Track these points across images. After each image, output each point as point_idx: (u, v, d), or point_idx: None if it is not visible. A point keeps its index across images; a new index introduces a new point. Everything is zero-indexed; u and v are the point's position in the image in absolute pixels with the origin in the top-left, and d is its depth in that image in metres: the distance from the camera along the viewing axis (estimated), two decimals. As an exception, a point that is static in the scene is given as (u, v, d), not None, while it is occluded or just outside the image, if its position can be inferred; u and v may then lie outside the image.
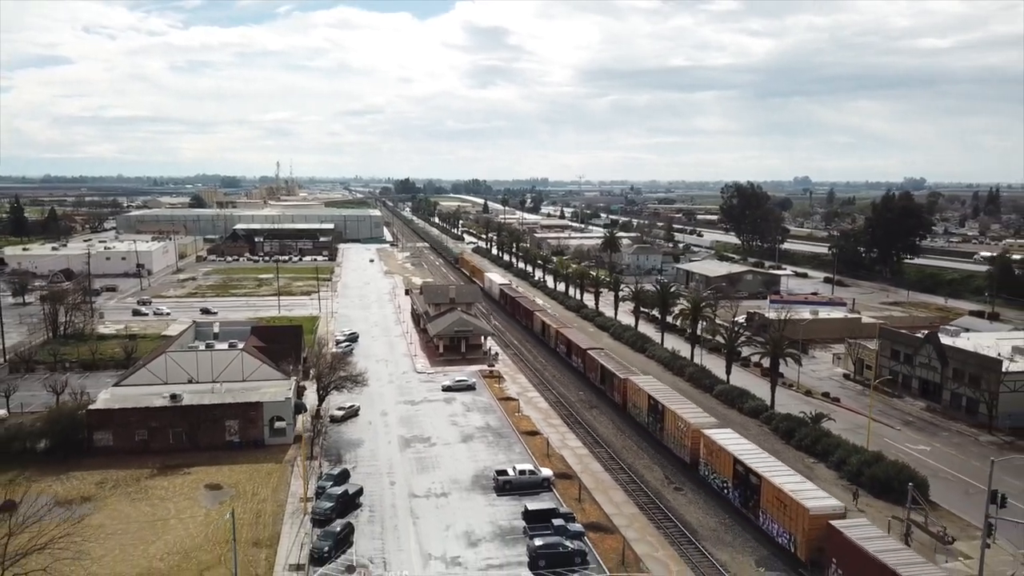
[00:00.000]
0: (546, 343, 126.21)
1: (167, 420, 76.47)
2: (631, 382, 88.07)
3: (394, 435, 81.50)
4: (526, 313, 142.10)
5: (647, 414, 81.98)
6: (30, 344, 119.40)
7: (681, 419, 73.27)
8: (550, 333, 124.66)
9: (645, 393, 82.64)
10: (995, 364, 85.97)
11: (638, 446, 79.30)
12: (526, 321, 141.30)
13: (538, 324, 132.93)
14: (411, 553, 56.00)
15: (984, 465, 72.91)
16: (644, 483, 69.06)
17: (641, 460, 75.38)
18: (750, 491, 60.44)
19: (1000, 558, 55.88)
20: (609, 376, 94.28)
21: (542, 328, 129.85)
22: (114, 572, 52.50)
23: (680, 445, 73.40)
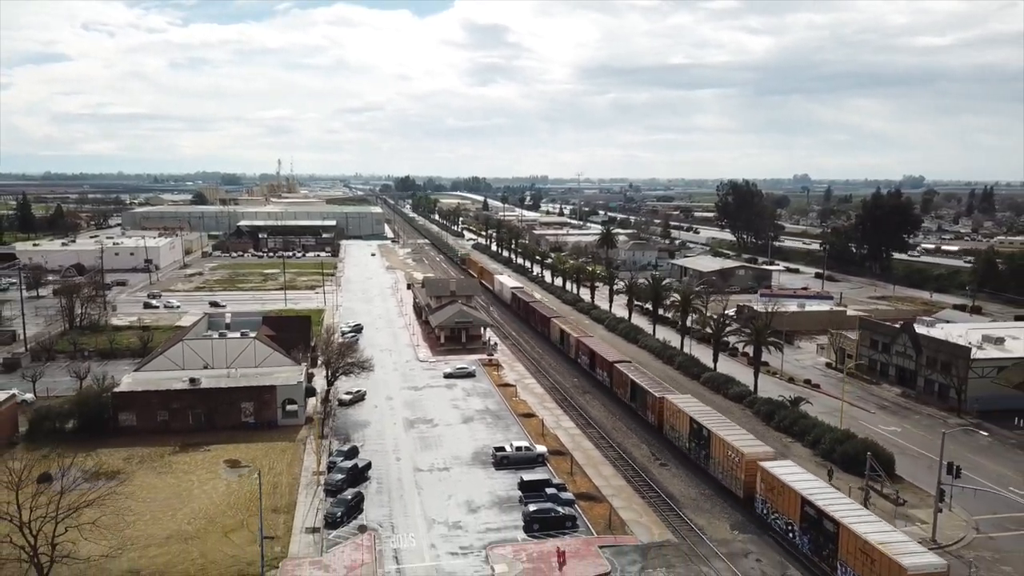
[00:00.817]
0: (564, 353, 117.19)
1: (187, 402, 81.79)
2: (669, 402, 78.67)
3: (399, 417, 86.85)
4: (541, 319, 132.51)
5: (688, 439, 73.22)
6: (48, 335, 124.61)
7: (732, 448, 64.94)
8: (570, 342, 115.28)
9: (686, 415, 73.74)
10: (964, 352, 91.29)
11: (627, 427, 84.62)
12: (542, 328, 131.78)
13: (556, 332, 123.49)
14: (416, 519, 61.33)
15: (948, 443, 78.36)
16: (632, 459, 74.41)
17: (630, 439, 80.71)
18: (824, 538, 52.33)
19: (955, 523, 61.20)
20: (641, 393, 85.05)
21: (560, 337, 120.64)
22: (147, 534, 57.75)
23: (731, 477, 65.22)
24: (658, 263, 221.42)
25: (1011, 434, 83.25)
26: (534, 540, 57.25)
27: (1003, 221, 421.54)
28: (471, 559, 54.82)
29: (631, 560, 54.79)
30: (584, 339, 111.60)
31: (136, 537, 56.77)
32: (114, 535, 54.72)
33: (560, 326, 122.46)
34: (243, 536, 57.86)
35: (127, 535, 56.56)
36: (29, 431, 79.17)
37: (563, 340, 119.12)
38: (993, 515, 62.80)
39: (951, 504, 63.89)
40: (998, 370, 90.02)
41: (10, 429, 78.55)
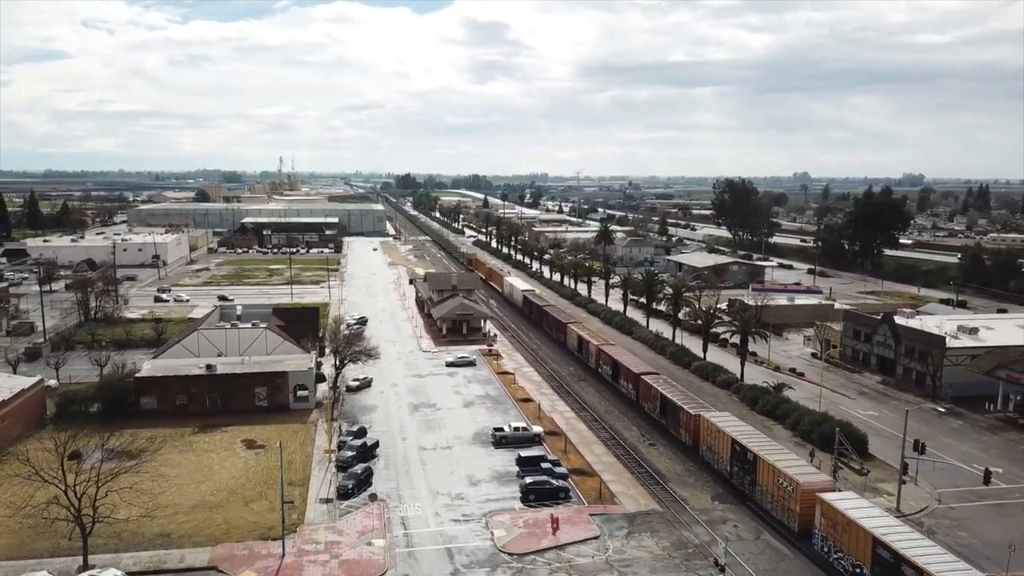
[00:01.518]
0: (584, 362, 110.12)
1: (204, 387, 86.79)
2: (706, 421, 72.14)
3: (404, 402, 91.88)
4: (557, 325, 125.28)
5: (730, 462, 67.12)
6: (65, 326, 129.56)
7: (784, 476, 58.89)
8: (589, 351, 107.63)
9: (727, 437, 67.61)
10: (940, 341, 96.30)
11: (619, 411, 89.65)
12: (557, 334, 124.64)
13: (573, 339, 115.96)
14: (421, 491, 66.37)
15: (921, 425, 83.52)
16: (622, 439, 79.47)
17: (621, 421, 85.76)
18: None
19: (919, 495, 66.21)
20: (673, 410, 78.64)
21: (579, 344, 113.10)
22: (174, 503, 62.74)
23: (782, 508, 59.18)
24: (654, 259, 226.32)
25: (981, 418, 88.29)
26: (530, 509, 62.30)
27: (997, 219, 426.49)
28: (472, 525, 59.84)
29: (619, 526, 59.81)
30: (606, 347, 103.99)
31: (164, 506, 61.78)
32: (149, 498, 59.98)
33: (578, 332, 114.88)
34: (262, 505, 62.90)
35: (159, 500, 61.72)
36: (56, 414, 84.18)
37: (581, 348, 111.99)
38: (955, 488, 67.77)
39: (917, 479, 68.95)
40: (971, 358, 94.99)
41: (39, 412, 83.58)
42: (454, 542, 57.08)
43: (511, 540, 57.02)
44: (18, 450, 74.47)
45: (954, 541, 57.31)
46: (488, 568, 53.34)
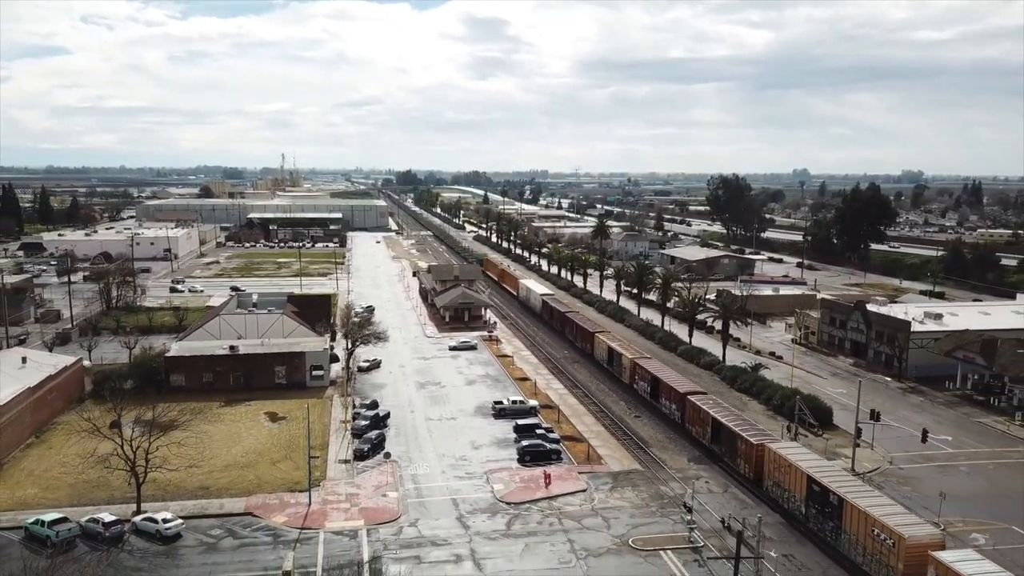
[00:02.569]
0: (615, 376, 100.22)
1: (228, 366, 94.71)
2: (773, 453, 63.43)
3: (411, 381, 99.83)
4: (582, 334, 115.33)
5: (805, 503, 58.43)
6: (89, 314, 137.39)
7: (882, 526, 50.41)
8: (623, 364, 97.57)
9: (801, 473, 58.90)
10: (906, 326, 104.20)
11: (609, 388, 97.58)
12: (583, 343, 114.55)
13: (602, 350, 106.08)
14: (429, 454, 74.31)
15: (885, 401, 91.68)
16: (610, 411, 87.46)
17: (610, 397, 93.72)
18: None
19: (873, 458, 74.16)
20: (730, 437, 69.96)
21: (609, 356, 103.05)
22: (209, 464, 70.53)
23: (878, 563, 50.74)
24: (649, 253, 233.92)
25: (940, 395, 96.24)
26: (526, 468, 70.23)
27: (989, 215, 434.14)
28: (474, 481, 67.77)
29: (604, 482, 67.76)
30: (644, 362, 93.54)
31: (201, 466, 69.71)
32: (195, 451, 68.17)
33: (608, 343, 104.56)
34: (287, 465, 70.81)
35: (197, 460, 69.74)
36: (93, 390, 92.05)
37: (612, 360, 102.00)
38: (906, 453, 75.68)
39: (874, 445, 76.93)
40: (934, 341, 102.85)
41: (79, 388, 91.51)
42: (458, 494, 65.01)
43: (508, 492, 64.99)
44: (63, 420, 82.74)
45: (899, 494, 65.15)
46: (488, 514, 61.28)
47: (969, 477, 70.72)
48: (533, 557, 54.58)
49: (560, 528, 59.00)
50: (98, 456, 63.93)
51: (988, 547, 55.87)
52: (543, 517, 60.83)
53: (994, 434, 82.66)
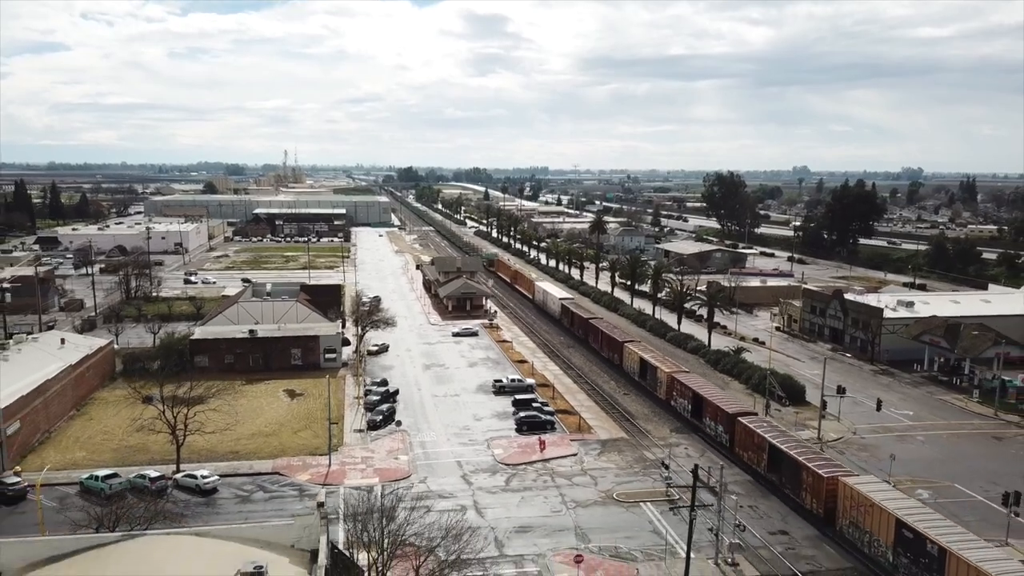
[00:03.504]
0: (649, 391, 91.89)
1: (248, 348, 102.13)
2: (851, 489, 55.32)
3: (418, 363, 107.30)
4: (609, 343, 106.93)
5: (893, 550, 51.38)
6: (110, 303, 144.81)
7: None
8: (658, 378, 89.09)
9: (888, 515, 51.73)
10: (878, 312, 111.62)
11: (600, 368, 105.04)
12: (610, 353, 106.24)
13: (632, 362, 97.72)
14: (435, 424, 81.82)
15: (856, 381, 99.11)
16: (601, 389, 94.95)
17: (601, 377, 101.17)
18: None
19: (838, 428, 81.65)
20: (793, 467, 61.99)
21: (641, 368, 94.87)
22: (236, 432, 78.03)
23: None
24: (644, 247, 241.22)
25: (908, 376, 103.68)
26: (523, 436, 77.74)
27: (982, 211, 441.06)
28: (476, 447, 75.27)
29: (593, 448, 75.27)
30: (683, 377, 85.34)
31: (233, 429, 77.24)
32: (228, 418, 75.97)
33: (639, 354, 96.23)
34: (307, 434, 78.30)
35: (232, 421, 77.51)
36: (123, 370, 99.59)
37: (645, 373, 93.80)
38: (869, 424, 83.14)
39: (840, 417, 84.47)
40: (905, 327, 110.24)
41: (110, 367, 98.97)
42: (462, 458, 72.51)
43: (507, 455, 72.50)
44: (98, 396, 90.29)
45: (857, 459, 72.71)
46: (489, 473, 68.82)
47: (924, 445, 78.17)
48: (528, 507, 62.11)
49: (552, 485, 66.53)
50: (142, 421, 71.33)
51: (930, 500, 63.35)
52: (537, 476, 68.37)
53: (953, 410, 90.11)
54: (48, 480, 66.39)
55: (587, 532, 57.87)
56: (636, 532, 58.16)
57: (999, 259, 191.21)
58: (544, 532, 57.93)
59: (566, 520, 59.77)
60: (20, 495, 63.44)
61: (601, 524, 59.28)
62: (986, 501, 63.24)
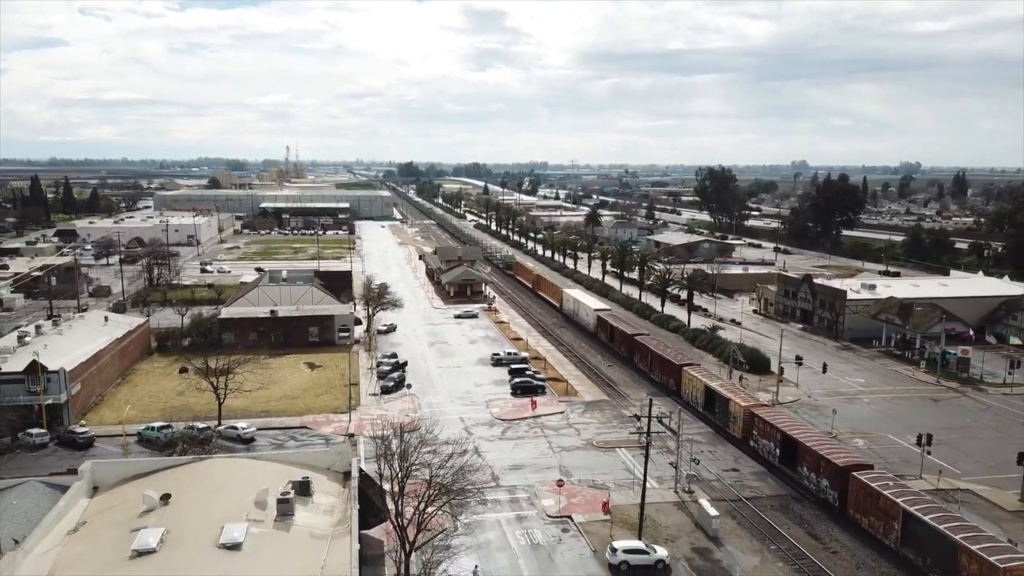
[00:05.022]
0: (721, 426, 78.48)
1: (270, 326, 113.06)
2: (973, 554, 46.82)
3: (423, 340, 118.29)
4: (662, 365, 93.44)
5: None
6: (136, 290, 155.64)
7: None
8: (731, 412, 76.01)
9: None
10: (843, 294, 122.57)
11: (589, 345, 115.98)
12: (662, 376, 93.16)
13: (694, 390, 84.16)
14: (440, 390, 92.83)
15: (822, 355, 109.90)
16: (588, 362, 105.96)
17: (589, 352, 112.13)
18: None
19: (794, 392, 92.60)
20: (936, 540, 50.60)
21: (707, 398, 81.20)
22: (264, 396, 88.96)
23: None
24: (637, 239, 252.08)
25: (867, 351, 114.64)
26: (517, 398, 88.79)
27: (970, 204, 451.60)
28: (476, 407, 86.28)
29: (577, 407, 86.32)
30: (767, 414, 71.95)
31: (259, 396, 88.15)
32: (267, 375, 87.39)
33: (704, 382, 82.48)
34: (328, 397, 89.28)
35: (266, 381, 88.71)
36: (157, 346, 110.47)
37: (712, 404, 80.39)
38: (823, 389, 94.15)
39: (798, 384, 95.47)
40: (865, 307, 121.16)
41: (147, 343, 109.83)
42: (464, 415, 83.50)
43: (503, 413, 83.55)
44: (139, 367, 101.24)
45: (807, 416, 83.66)
46: (487, 426, 79.86)
47: (868, 406, 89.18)
48: (521, 451, 73.13)
49: (542, 435, 77.56)
50: (190, 380, 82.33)
51: (864, 447, 74.41)
52: (529, 428, 79.42)
53: (901, 378, 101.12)
54: (109, 432, 77.64)
55: (570, 469, 68.84)
56: (611, 470, 69.19)
57: (970, 249, 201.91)
58: (533, 470, 68.95)
59: (552, 461, 70.74)
60: (88, 443, 74.44)
61: (582, 464, 70.29)
62: (910, 447, 74.07)
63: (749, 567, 53.55)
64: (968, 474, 69.32)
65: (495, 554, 54.81)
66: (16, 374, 77.55)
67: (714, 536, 57.12)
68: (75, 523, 47.55)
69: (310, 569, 42.02)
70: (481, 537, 57.22)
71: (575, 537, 57.28)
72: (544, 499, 62.77)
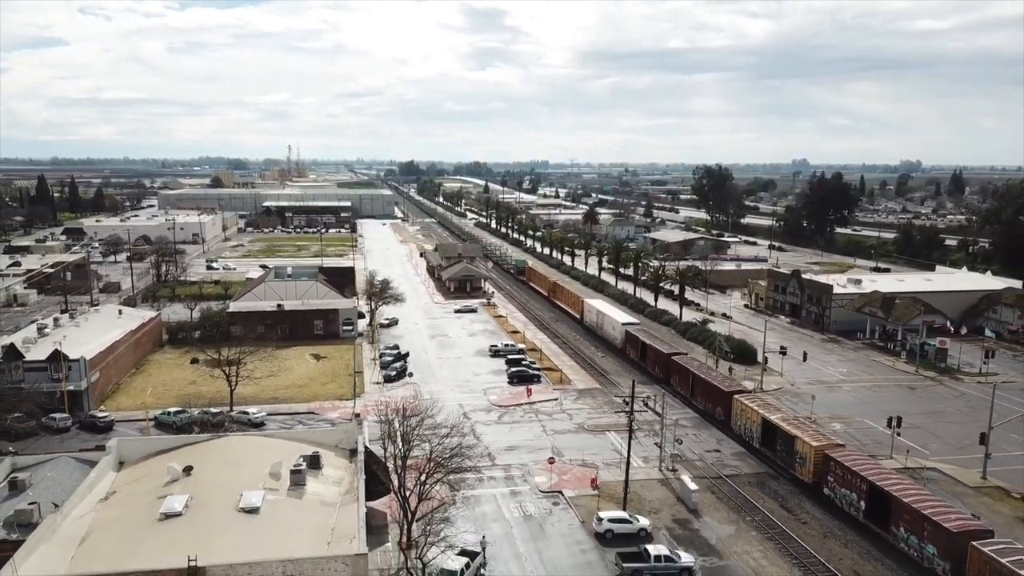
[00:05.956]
0: (782, 466, 68.68)
1: (276, 319, 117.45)
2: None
3: (424, 333, 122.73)
4: (706, 391, 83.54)
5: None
6: (145, 286, 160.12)
7: None
8: (798, 452, 65.89)
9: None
10: (829, 289, 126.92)
11: (584, 338, 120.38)
12: (708, 404, 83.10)
13: (749, 422, 74.01)
14: (441, 379, 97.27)
15: (807, 346, 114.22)
16: (582, 353, 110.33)
17: (583, 344, 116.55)
18: None
19: (778, 381, 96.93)
20: None
21: (764, 432, 71.27)
22: (273, 384, 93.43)
23: None
24: (634, 237, 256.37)
25: (851, 343, 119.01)
26: (513, 386, 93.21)
27: (966, 203, 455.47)
28: (475, 394, 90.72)
29: (570, 394, 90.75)
30: (845, 457, 62.18)
31: (268, 385, 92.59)
32: (275, 365, 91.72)
33: (761, 414, 72.14)
34: (334, 386, 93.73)
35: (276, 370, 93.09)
36: (169, 338, 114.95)
37: (771, 440, 70.38)
38: (806, 378, 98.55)
39: (782, 373, 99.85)
40: (850, 301, 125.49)
41: (158, 336, 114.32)
42: (463, 402, 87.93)
43: (500, 399, 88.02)
44: (151, 359, 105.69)
45: (789, 403, 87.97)
46: (485, 411, 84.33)
47: (848, 393, 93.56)
48: (516, 434, 77.58)
49: (536, 420, 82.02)
50: (202, 369, 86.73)
51: (841, 431, 78.80)
52: (524, 414, 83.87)
53: (882, 368, 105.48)
54: (127, 417, 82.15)
55: (561, 450, 73.26)
56: (600, 450, 73.64)
57: (958, 245, 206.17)
58: (528, 450, 73.40)
59: (545, 442, 75.18)
60: (108, 426, 78.94)
61: (573, 445, 74.73)
62: (884, 431, 78.30)
63: (725, 536, 57.94)
64: (936, 454, 73.71)
65: (491, 524, 59.22)
66: (40, 362, 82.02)
67: (693, 509, 61.51)
68: (105, 492, 52.09)
69: (321, 531, 46.50)
70: (478, 510, 61.63)
71: (565, 509, 61.70)
72: (537, 476, 67.20)
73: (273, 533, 45.31)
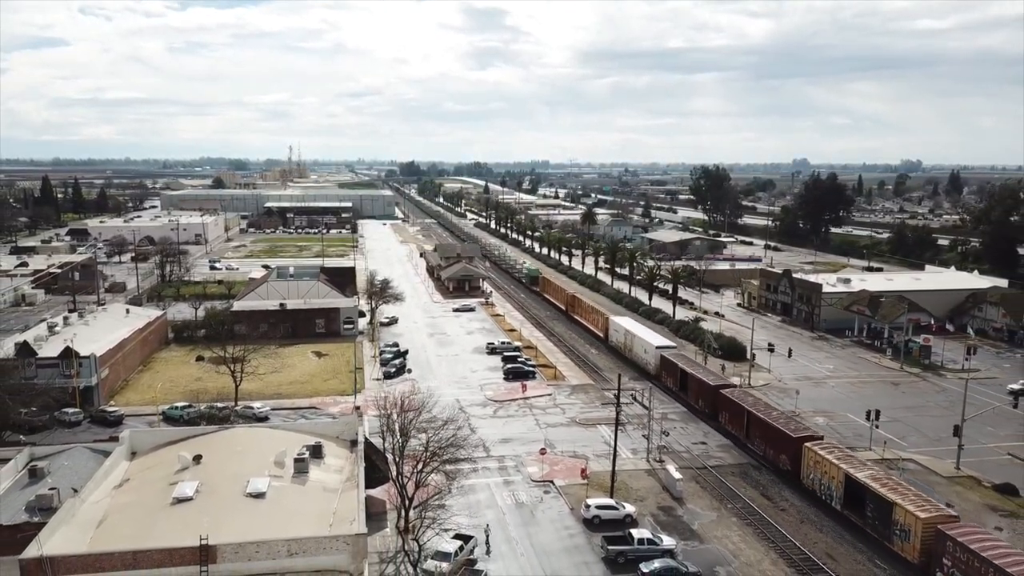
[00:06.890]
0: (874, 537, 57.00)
1: (279, 318, 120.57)
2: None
3: (423, 332, 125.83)
4: (768, 434, 70.48)
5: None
6: (149, 285, 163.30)
7: None
8: (898, 523, 54.46)
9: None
10: (818, 287, 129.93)
11: (579, 336, 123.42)
12: (769, 450, 70.59)
13: (827, 477, 62.56)
14: (439, 375, 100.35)
15: (796, 344, 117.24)
16: (576, 350, 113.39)
17: (577, 342, 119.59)
18: None
19: (765, 376, 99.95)
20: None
21: (847, 491, 60.16)
22: (276, 381, 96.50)
23: None
24: (632, 237, 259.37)
25: (840, 341, 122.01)
26: (509, 382, 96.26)
27: (963, 202, 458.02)
28: (471, 390, 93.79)
29: (564, 390, 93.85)
30: (965, 536, 49.85)
31: (271, 381, 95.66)
32: (278, 362, 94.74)
33: (844, 470, 60.67)
34: (335, 382, 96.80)
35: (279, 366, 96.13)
36: (175, 337, 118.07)
37: (858, 502, 59.15)
38: (793, 375, 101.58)
39: (770, 369, 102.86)
40: (839, 300, 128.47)
41: (164, 334, 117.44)
42: (460, 396, 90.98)
43: (495, 395, 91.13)
44: (158, 356, 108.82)
45: (776, 398, 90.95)
46: (481, 406, 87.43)
47: (833, 389, 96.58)
48: (510, 427, 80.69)
49: (530, 414, 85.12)
50: (208, 366, 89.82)
51: (824, 424, 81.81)
52: (519, 408, 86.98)
53: (868, 364, 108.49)
54: (136, 412, 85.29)
55: (554, 442, 76.34)
56: (591, 443, 76.73)
57: (950, 245, 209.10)
58: (521, 442, 76.50)
59: (538, 435, 78.26)
60: (118, 420, 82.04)
61: (565, 438, 77.83)
62: (865, 424, 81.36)
63: (706, 521, 61.00)
64: (914, 446, 76.77)
65: (484, 511, 62.30)
66: (52, 359, 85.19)
67: (678, 497, 64.57)
68: (120, 479, 55.17)
69: (323, 514, 49.56)
70: (472, 498, 64.71)
71: (555, 497, 64.78)
72: (529, 466, 70.28)
73: (278, 516, 48.35)
